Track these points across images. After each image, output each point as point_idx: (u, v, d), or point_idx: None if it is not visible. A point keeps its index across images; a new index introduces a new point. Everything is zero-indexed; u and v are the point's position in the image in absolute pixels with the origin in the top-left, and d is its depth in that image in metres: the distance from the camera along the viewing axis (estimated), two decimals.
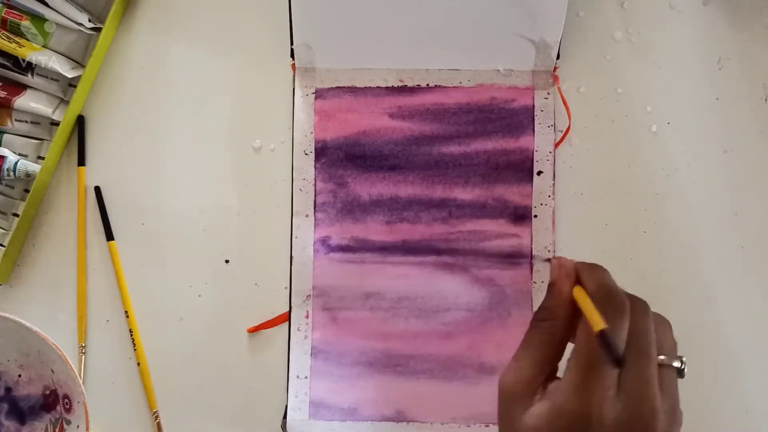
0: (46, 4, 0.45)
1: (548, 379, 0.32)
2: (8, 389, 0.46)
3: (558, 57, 0.46)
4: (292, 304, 0.46)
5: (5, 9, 0.46)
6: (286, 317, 0.46)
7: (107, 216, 0.47)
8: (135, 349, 0.46)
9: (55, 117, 0.47)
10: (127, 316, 0.46)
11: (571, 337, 0.33)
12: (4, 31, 0.46)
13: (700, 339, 0.46)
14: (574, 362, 0.31)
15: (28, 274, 0.47)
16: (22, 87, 0.47)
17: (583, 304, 0.32)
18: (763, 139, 0.47)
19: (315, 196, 0.46)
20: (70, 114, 0.46)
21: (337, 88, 0.47)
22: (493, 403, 0.43)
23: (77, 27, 0.46)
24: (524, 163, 0.46)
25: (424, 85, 0.47)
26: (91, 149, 0.47)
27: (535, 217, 0.46)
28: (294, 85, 0.47)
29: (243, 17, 0.48)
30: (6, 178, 0.46)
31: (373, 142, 0.46)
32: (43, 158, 0.47)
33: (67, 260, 0.47)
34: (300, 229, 0.46)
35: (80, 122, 0.47)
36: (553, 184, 0.46)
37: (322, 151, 0.46)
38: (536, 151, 0.46)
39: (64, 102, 0.47)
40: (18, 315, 0.44)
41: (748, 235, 0.46)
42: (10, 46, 0.45)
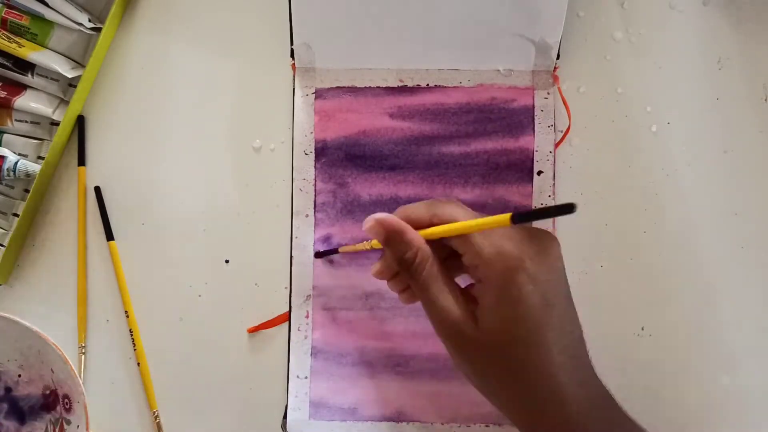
0: (46, 4, 0.45)
1: (468, 309, 0.35)
2: (8, 389, 0.46)
3: (558, 57, 0.46)
4: (292, 304, 0.46)
5: (5, 9, 0.46)
6: (286, 317, 0.46)
7: (107, 216, 0.47)
8: (135, 349, 0.46)
9: (55, 117, 0.47)
10: (127, 316, 0.46)
11: (454, 273, 0.37)
12: (4, 31, 0.46)
13: (700, 339, 0.46)
14: (481, 286, 0.34)
15: (28, 274, 0.47)
16: (22, 87, 0.47)
17: (460, 227, 0.34)
18: (763, 139, 0.47)
19: (315, 196, 0.46)
20: (70, 114, 0.46)
21: (337, 88, 0.47)
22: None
23: (77, 27, 0.46)
24: (524, 163, 0.46)
25: (424, 85, 0.47)
26: (91, 149, 0.47)
27: None
28: (294, 85, 0.47)
29: (243, 17, 0.48)
30: (6, 178, 0.46)
31: (373, 142, 0.46)
32: (43, 158, 0.47)
33: (67, 260, 0.47)
34: (300, 229, 0.46)
35: (80, 122, 0.47)
36: (553, 184, 0.46)
37: (322, 151, 0.46)
38: (536, 151, 0.46)
39: (64, 102, 0.47)
40: (18, 315, 0.44)
41: (748, 235, 0.46)
42: (10, 46, 0.45)
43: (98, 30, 0.46)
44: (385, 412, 0.45)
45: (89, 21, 0.46)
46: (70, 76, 0.46)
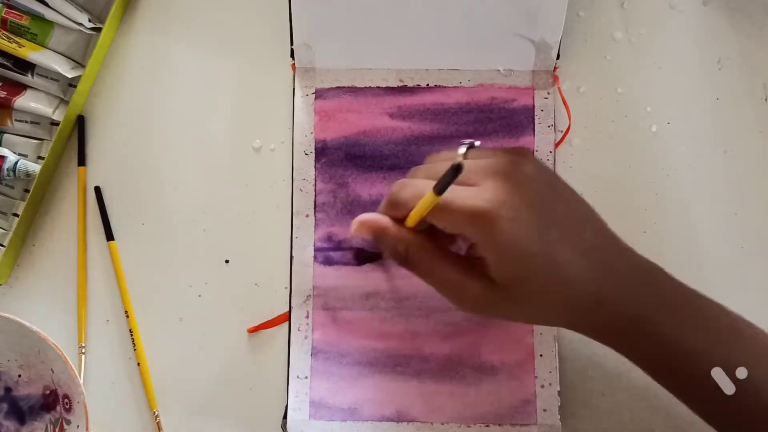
0: (46, 4, 0.45)
1: (479, 273, 0.35)
2: (8, 389, 0.46)
3: (558, 57, 0.46)
4: (292, 304, 0.46)
5: (5, 9, 0.46)
6: (286, 317, 0.46)
7: (107, 216, 0.47)
8: (135, 349, 0.46)
9: (55, 117, 0.47)
10: (127, 316, 0.46)
11: (451, 244, 0.38)
12: (4, 31, 0.46)
13: None
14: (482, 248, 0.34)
15: (28, 274, 0.47)
16: (22, 87, 0.47)
17: (421, 210, 0.35)
18: (763, 139, 0.47)
19: (315, 196, 0.46)
20: (70, 114, 0.46)
21: (337, 88, 0.47)
22: (493, 403, 0.43)
23: (77, 27, 0.46)
24: None
25: (424, 85, 0.47)
26: (91, 149, 0.47)
27: None
28: (294, 85, 0.47)
29: (243, 17, 0.48)
30: (6, 178, 0.46)
31: (373, 142, 0.46)
32: (43, 158, 0.47)
33: (67, 260, 0.47)
34: (300, 229, 0.46)
35: (80, 122, 0.47)
36: None
37: (322, 151, 0.46)
38: (536, 151, 0.46)
39: (64, 102, 0.47)
40: (18, 315, 0.44)
41: (748, 235, 0.46)
42: (10, 46, 0.45)
43: (98, 30, 0.46)
44: (385, 412, 0.45)
45: (89, 21, 0.46)
46: (70, 76, 0.46)
